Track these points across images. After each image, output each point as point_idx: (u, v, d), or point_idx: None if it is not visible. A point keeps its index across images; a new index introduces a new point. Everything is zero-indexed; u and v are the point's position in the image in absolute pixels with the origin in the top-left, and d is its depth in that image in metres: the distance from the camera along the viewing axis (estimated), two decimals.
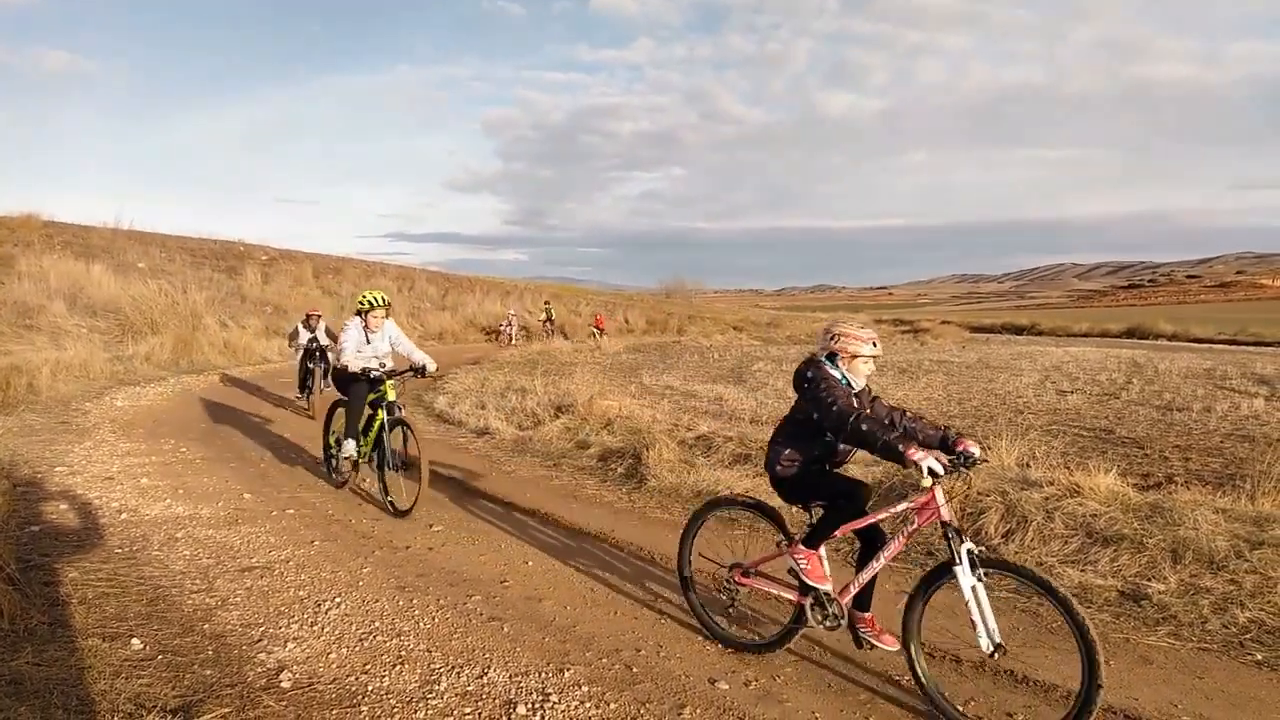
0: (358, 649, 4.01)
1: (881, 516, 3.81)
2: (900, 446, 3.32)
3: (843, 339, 3.75)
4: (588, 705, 3.53)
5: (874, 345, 3.77)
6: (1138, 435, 10.15)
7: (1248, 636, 4.28)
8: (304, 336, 12.04)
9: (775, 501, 4.21)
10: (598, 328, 29.64)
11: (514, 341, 27.55)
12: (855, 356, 3.74)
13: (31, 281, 18.27)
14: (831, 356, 3.78)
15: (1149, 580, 4.87)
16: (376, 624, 4.32)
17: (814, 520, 3.92)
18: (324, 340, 11.82)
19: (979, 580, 3.40)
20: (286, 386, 14.84)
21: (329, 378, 9.95)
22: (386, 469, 6.67)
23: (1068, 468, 6.38)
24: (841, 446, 3.81)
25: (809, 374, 3.71)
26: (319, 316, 12.29)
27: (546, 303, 32.88)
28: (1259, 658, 4.07)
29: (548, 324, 30.69)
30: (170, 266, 24.64)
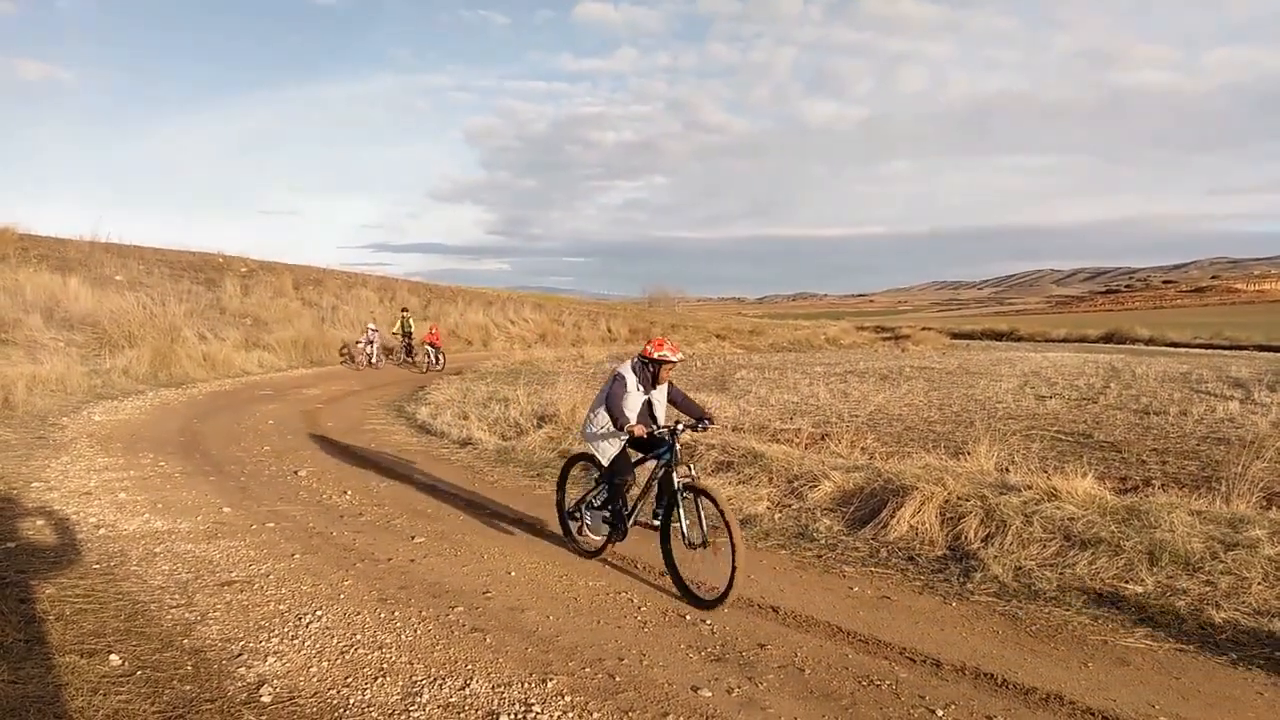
0: (339, 662, 3.99)
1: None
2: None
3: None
4: (571, 715, 3.52)
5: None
6: (1115, 439, 10.26)
7: (1223, 637, 4.34)
8: (636, 396, 5.39)
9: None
10: (432, 345, 22.26)
11: (374, 363, 22.14)
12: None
13: (7, 295, 18.05)
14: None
15: (1126, 582, 4.93)
16: (358, 637, 4.29)
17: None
18: (661, 403, 5.52)
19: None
20: (266, 399, 14.73)
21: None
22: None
23: (1046, 472, 6.45)
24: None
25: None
26: (673, 365, 5.41)
27: (404, 310, 24.87)
28: (1234, 657, 4.13)
29: (405, 340, 23.39)
30: (148, 279, 24.43)
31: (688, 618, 4.65)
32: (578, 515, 5.82)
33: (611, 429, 5.32)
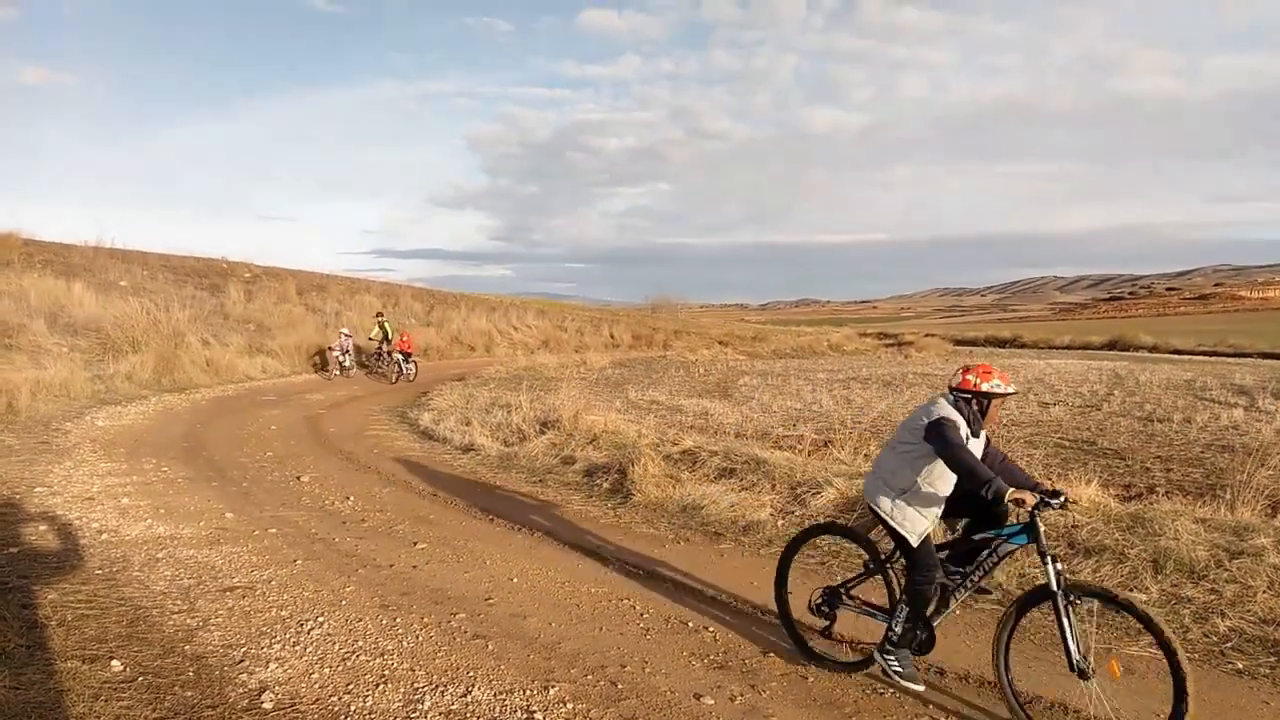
0: (340, 669, 3.98)
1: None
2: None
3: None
4: None
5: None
6: (1119, 446, 10.22)
7: (1228, 645, 4.32)
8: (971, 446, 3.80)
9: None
10: (404, 353, 20.38)
11: (348, 371, 20.73)
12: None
13: (11, 300, 18.07)
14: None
15: (1131, 590, 4.91)
16: (360, 643, 4.29)
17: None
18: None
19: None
20: (269, 404, 14.75)
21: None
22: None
23: (1050, 479, 6.43)
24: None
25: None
26: (1004, 400, 4.01)
27: (379, 315, 22.80)
28: (1240, 666, 4.11)
29: (383, 344, 21.20)
30: (152, 284, 24.46)
31: (690, 625, 4.64)
32: (825, 610, 4.11)
33: (929, 492, 3.73)
